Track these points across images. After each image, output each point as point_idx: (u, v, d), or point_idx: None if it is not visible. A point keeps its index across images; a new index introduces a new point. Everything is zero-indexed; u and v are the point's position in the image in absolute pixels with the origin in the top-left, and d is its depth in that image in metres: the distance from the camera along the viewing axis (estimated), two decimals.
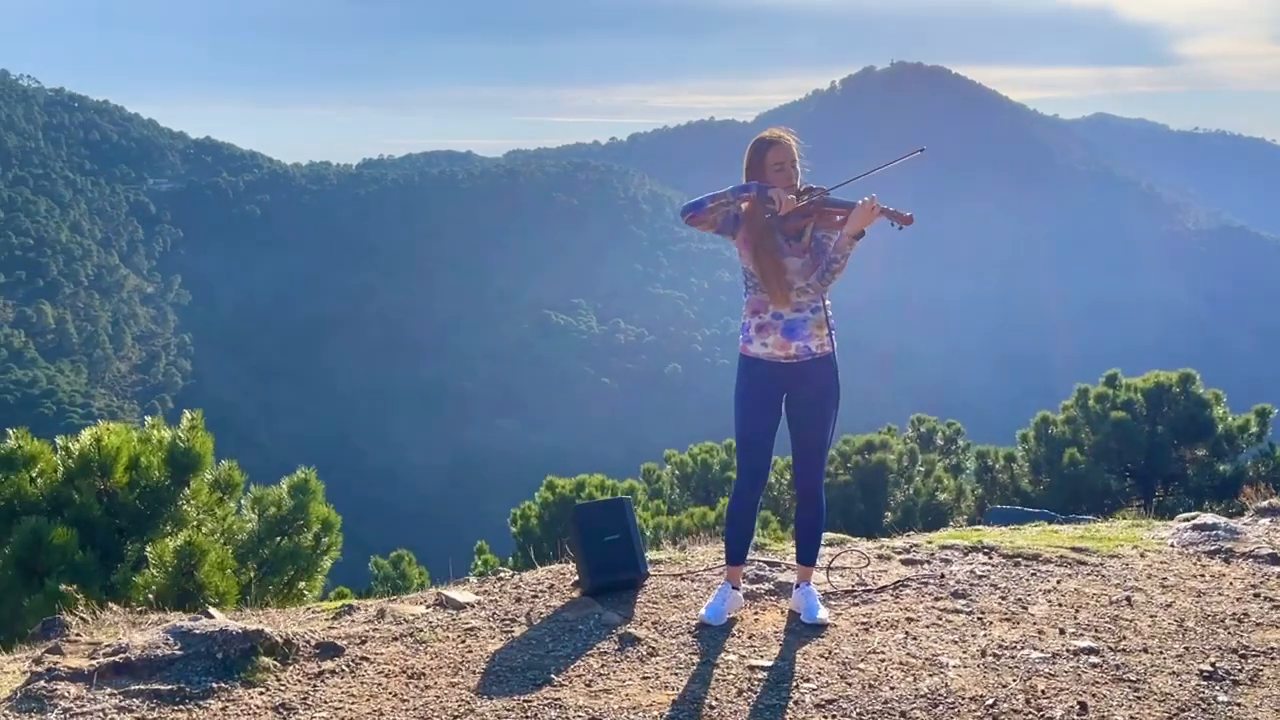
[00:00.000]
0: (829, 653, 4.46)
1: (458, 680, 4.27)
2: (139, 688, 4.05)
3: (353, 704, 4.06)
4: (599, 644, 4.58)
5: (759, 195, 4.60)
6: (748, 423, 4.78)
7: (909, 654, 4.42)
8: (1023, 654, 4.38)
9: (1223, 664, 4.25)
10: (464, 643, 4.66)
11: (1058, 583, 5.30)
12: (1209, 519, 6.26)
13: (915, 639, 4.58)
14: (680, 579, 5.43)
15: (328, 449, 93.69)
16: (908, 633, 4.66)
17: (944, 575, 5.40)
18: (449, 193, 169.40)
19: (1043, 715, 3.84)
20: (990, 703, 3.94)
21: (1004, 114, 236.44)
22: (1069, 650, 4.40)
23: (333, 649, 4.50)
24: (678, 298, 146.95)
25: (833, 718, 3.90)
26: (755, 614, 4.92)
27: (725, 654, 4.47)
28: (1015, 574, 5.44)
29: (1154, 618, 4.79)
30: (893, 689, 4.09)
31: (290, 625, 4.82)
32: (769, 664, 4.35)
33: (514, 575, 5.66)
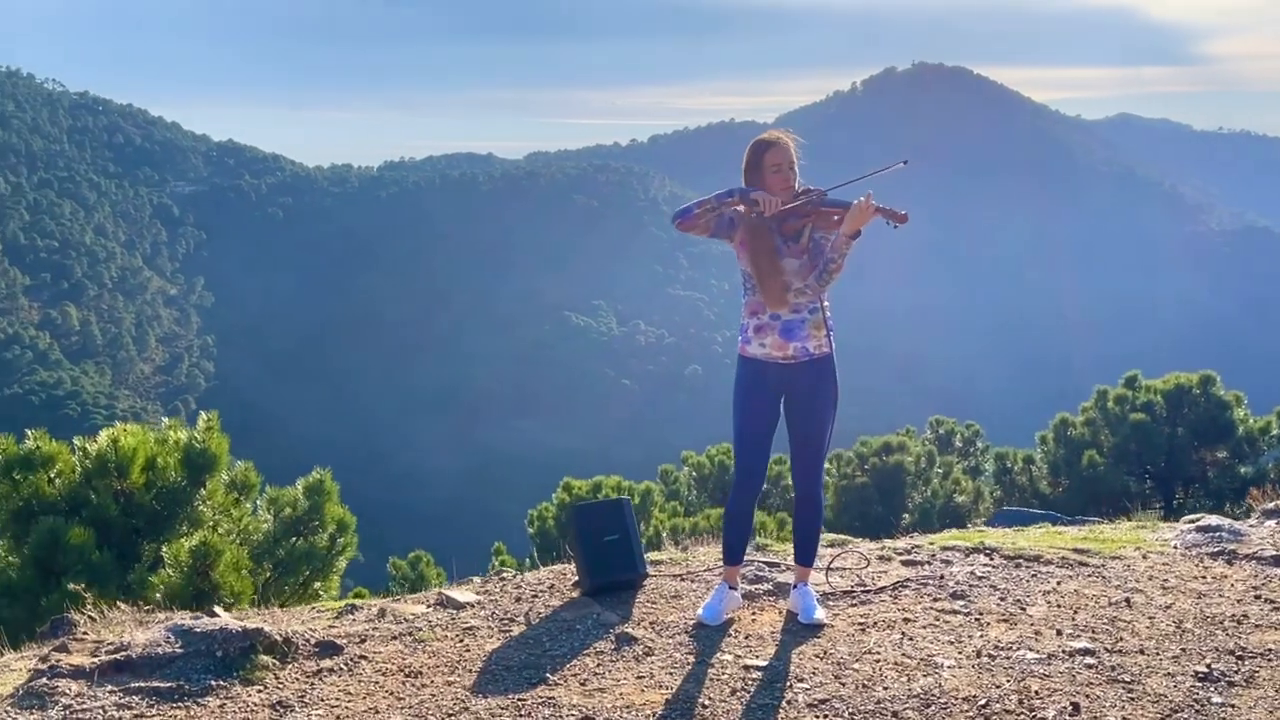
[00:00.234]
0: (824, 653, 4.47)
1: (454, 679, 4.30)
2: (139, 685, 4.10)
3: (349, 702, 4.10)
4: (596, 643, 4.61)
5: (742, 198, 4.62)
6: (746, 423, 4.80)
7: (904, 654, 4.42)
8: (1018, 655, 4.38)
9: (1219, 665, 4.23)
10: (462, 642, 4.69)
11: (1058, 584, 5.29)
12: (1213, 520, 6.23)
13: (911, 639, 4.59)
14: (680, 579, 5.45)
15: (348, 450, 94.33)
16: (904, 633, 4.66)
17: (944, 576, 5.40)
18: (470, 194, 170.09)
19: (1035, 715, 3.84)
20: (983, 703, 3.94)
21: (1026, 115, 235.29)
22: (1065, 651, 4.40)
23: (332, 648, 4.54)
24: (698, 299, 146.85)
25: (825, 717, 3.91)
26: (753, 614, 4.94)
27: (721, 654, 4.48)
28: (1015, 575, 5.44)
29: (1152, 619, 4.78)
30: (886, 689, 4.09)
31: (293, 624, 4.86)
32: (764, 664, 4.36)
33: (515, 575, 5.69)
